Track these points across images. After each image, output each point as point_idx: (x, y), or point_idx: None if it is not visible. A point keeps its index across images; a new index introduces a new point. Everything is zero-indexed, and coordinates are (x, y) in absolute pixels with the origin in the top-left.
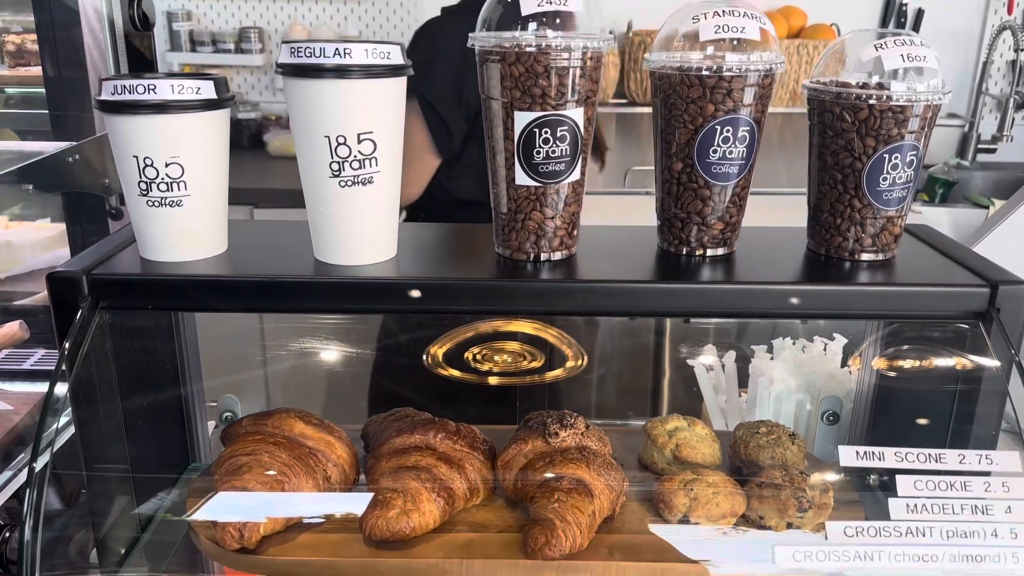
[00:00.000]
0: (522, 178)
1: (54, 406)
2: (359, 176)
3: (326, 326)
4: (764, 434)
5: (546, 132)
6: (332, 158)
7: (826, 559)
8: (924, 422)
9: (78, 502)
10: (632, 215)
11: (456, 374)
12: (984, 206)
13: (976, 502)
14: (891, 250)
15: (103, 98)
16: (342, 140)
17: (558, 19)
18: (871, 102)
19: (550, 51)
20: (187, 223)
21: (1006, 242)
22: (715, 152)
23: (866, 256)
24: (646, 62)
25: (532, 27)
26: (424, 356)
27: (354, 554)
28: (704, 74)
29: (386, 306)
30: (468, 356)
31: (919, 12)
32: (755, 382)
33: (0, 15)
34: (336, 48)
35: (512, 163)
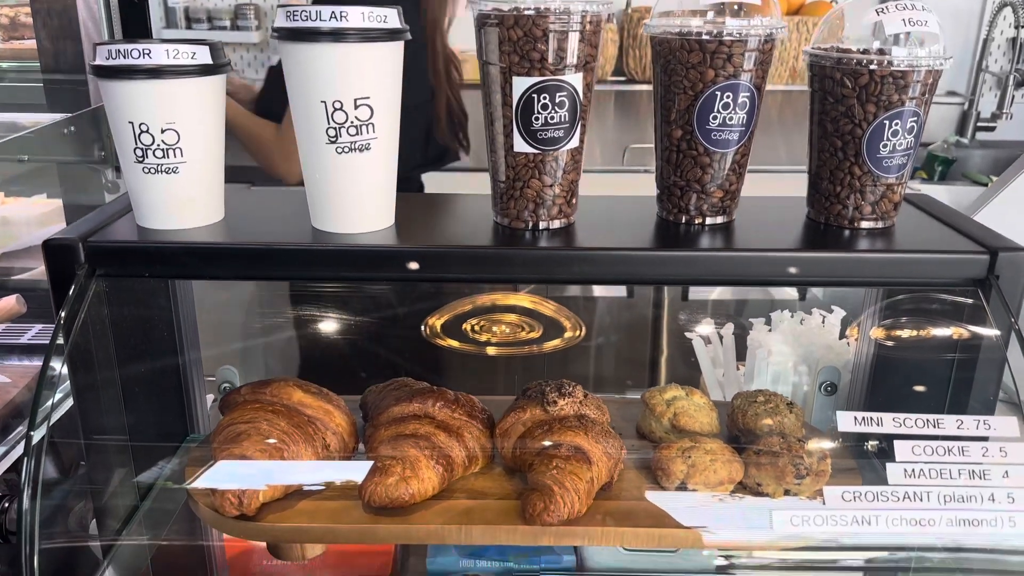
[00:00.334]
0: (520, 145)
1: (51, 374)
2: (356, 143)
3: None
4: (762, 403)
5: (545, 98)
6: (329, 124)
7: (824, 523)
8: (922, 389)
9: (77, 473)
10: (631, 193)
11: (455, 344)
12: (983, 184)
13: (974, 467)
14: (890, 218)
15: (98, 63)
16: (338, 105)
17: None
18: (872, 67)
19: (549, 14)
20: (183, 190)
21: (1004, 213)
22: (715, 118)
23: (866, 224)
24: (646, 27)
25: None
26: (423, 327)
27: (353, 520)
28: (704, 39)
29: (384, 274)
30: (467, 327)
31: None
32: (753, 354)
33: None
34: (332, 12)
35: (510, 130)
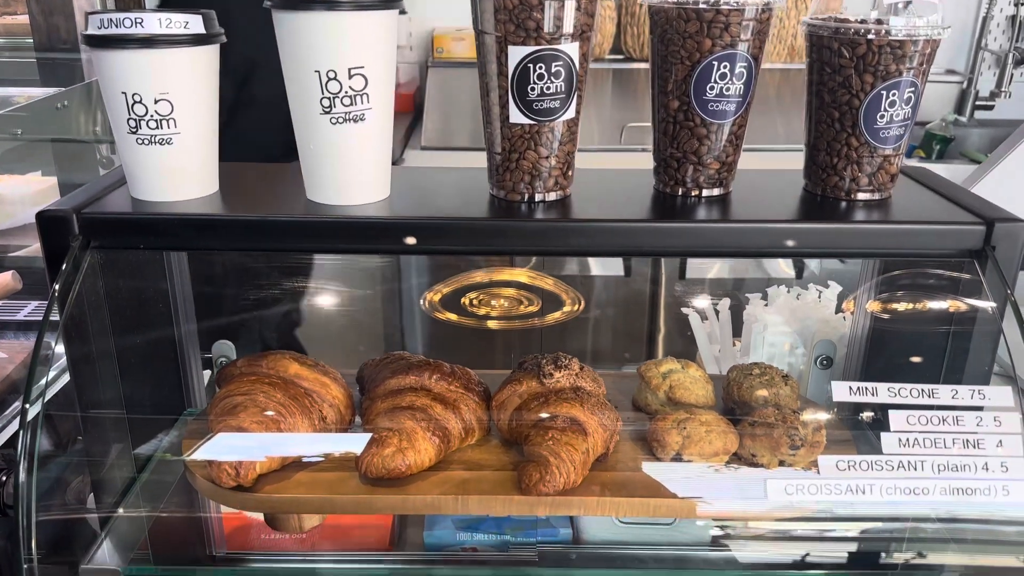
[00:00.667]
0: (516, 116)
1: (45, 347)
2: (350, 113)
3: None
4: (757, 375)
5: (540, 68)
6: (323, 94)
7: (818, 492)
8: (918, 360)
9: (74, 448)
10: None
11: (453, 318)
12: (981, 162)
13: (968, 436)
14: (887, 189)
15: (90, 32)
16: (332, 75)
17: None
18: (870, 37)
19: None
20: (177, 161)
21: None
22: (712, 89)
23: (862, 195)
24: None
25: None
26: (421, 300)
27: (350, 491)
28: (702, 7)
29: (380, 246)
30: (465, 301)
31: None
32: (749, 328)
33: None
34: None
35: (506, 100)
